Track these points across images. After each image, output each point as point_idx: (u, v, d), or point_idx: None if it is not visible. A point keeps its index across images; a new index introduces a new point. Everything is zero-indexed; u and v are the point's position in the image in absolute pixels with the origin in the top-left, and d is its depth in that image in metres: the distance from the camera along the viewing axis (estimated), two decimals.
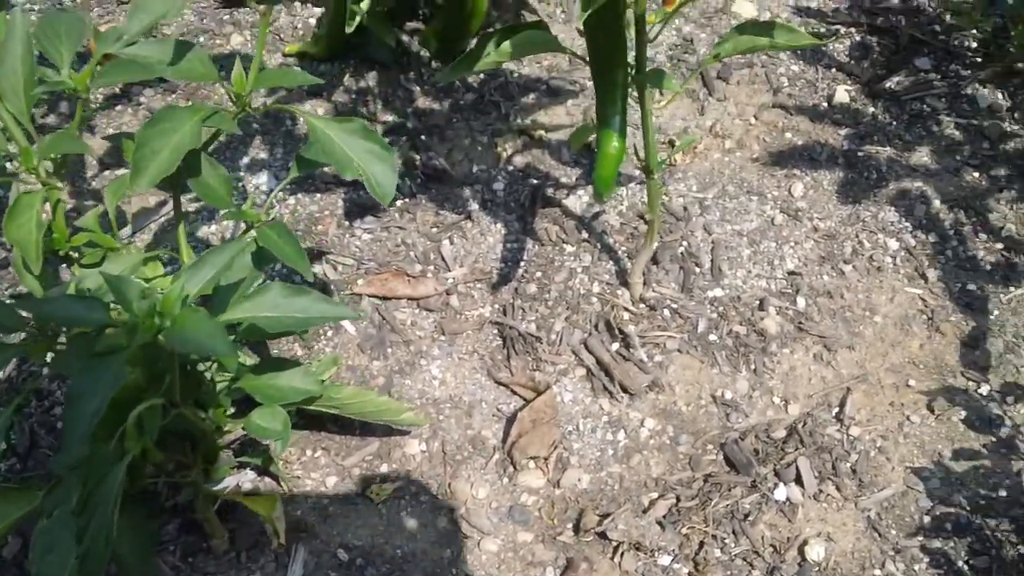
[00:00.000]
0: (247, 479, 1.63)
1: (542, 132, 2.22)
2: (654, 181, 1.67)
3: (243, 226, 1.41)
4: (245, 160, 2.13)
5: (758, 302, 1.86)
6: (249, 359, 1.64)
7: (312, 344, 1.80)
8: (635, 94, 1.53)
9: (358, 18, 1.99)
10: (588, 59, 1.50)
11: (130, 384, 1.18)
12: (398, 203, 2.04)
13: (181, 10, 1.16)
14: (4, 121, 1.32)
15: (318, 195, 2.06)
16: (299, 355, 1.79)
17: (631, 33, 1.45)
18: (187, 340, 0.99)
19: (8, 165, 1.49)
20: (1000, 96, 2.25)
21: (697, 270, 1.92)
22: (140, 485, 1.30)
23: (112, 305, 1.08)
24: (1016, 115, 2.20)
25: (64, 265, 1.47)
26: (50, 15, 1.36)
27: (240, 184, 2.07)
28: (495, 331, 1.84)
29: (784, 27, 1.45)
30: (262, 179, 2.08)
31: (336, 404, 1.48)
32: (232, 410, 1.41)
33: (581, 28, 1.41)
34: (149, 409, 1.12)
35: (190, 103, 2.27)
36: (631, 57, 1.48)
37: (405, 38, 2.39)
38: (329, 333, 1.82)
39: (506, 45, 1.45)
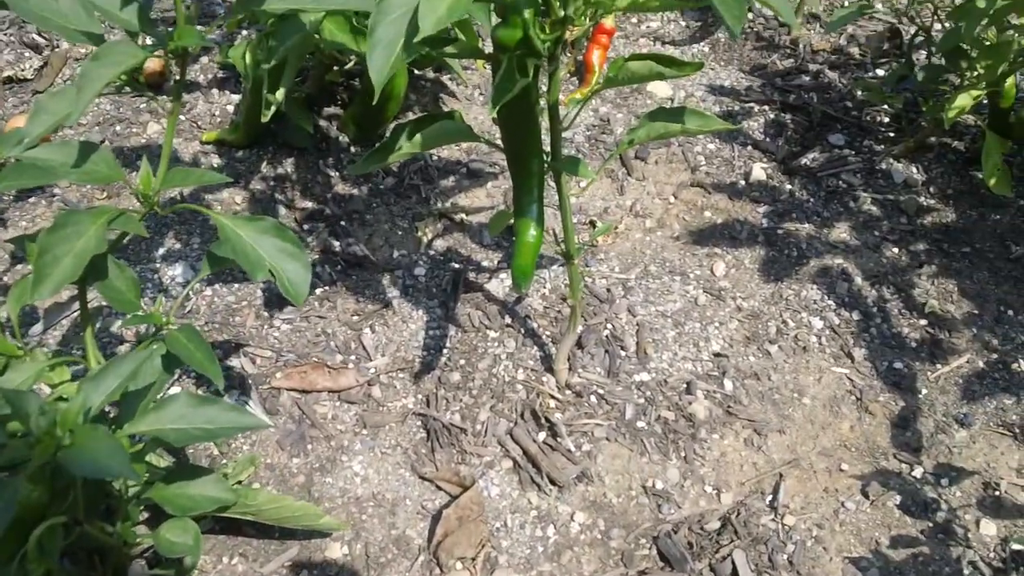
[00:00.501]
0: None
1: (463, 215, 2.20)
2: (574, 266, 1.65)
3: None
4: (160, 251, 2.07)
5: (685, 385, 1.84)
6: (163, 460, 1.57)
7: (230, 440, 1.73)
8: (553, 180, 1.51)
9: (274, 107, 1.96)
10: (503, 148, 1.48)
11: (32, 502, 1.10)
12: (318, 291, 1.99)
13: (83, 112, 1.11)
14: None
15: (236, 285, 2.00)
16: (215, 454, 1.72)
17: (545, 121, 1.44)
18: (85, 461, 0.93)
19: None
20: (915, 171, 2.29)
21: (623, 353, 1.90)
22: None
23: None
24: (931, 189, 2.23)
25: None
26: None
27: (156, 276, 2.01)
28: (419, 423, 1.79)
29: (695, 112, 1.45)
30: (177, 271, 2.01)
31: (252, 510, 1.42)
32: (144, 517, 1.34)
33: (496, 119, 1.39)
34: (50, 529, 1.05)
35: (97, 205, 2.20)
36: (546, 144, 1.46)
37: (323, 123, 2.37)
38: (247, 430, 1.76)
39: (418, 137, 1.42)
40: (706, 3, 1.10)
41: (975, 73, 2.07)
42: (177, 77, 1.29)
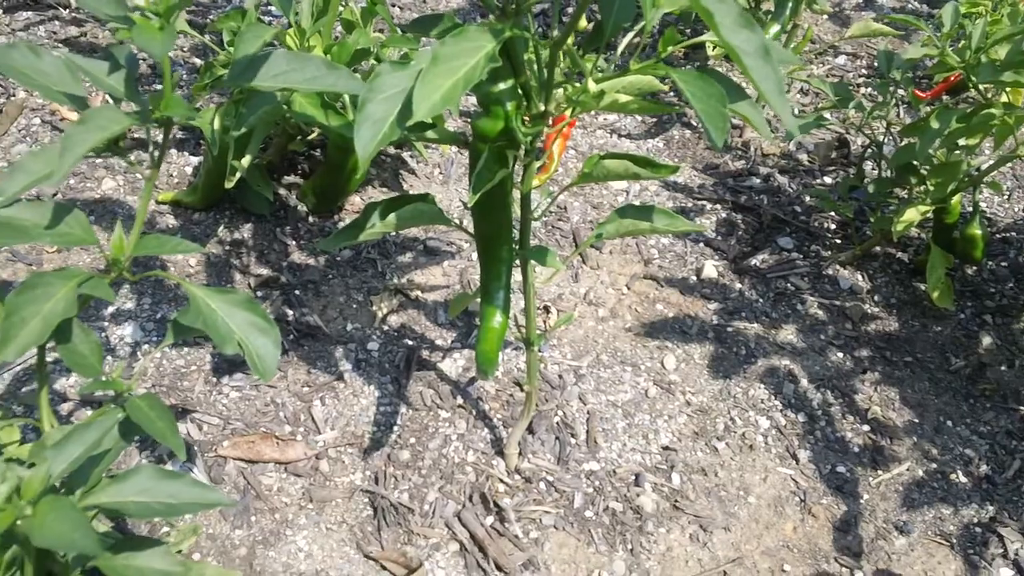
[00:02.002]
0: None
1: (418, 292, 2.20)
2: (533, 353, 1.66)
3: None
4: (110, 310, 2.04)
5: (634, 477, 1.85)
6: (103, 525, 1.53)
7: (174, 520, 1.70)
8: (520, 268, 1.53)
9: (238, 174, 1.96)
10: (474, 234, 1.50)
11: None
12: None
13: (65, 176, 1.11)
14: None
15: (185, 349, 1.98)
16: (155, 521, 1.68)
17: (517, 209, 1.46)
18: (49, 534, 0.91)
19: None
20: (860, 278, 2.35)
21: (573, 441, 1.91)
22: None
23: None
24: (876, 297, 2.30)
25: None
26: None
27: (103, 335, 1.98)
28: (366, 500, 1.78)
29: (663, 212, 1.48)
30: (127, 330, 1.99)
31: None
32: None
33: (470, 207, 1.41)
34: None
35: (59, 266, 2.17)
36: (516, 233, 1.48)
37: (283, 192, 2.37)
38: None
39: (391, 217, 1.43)
40: (674, 111, 1.13)
41: (924, 188, 2.15)
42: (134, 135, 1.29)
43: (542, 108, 1.32)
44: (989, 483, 1.91)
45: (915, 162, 2.16)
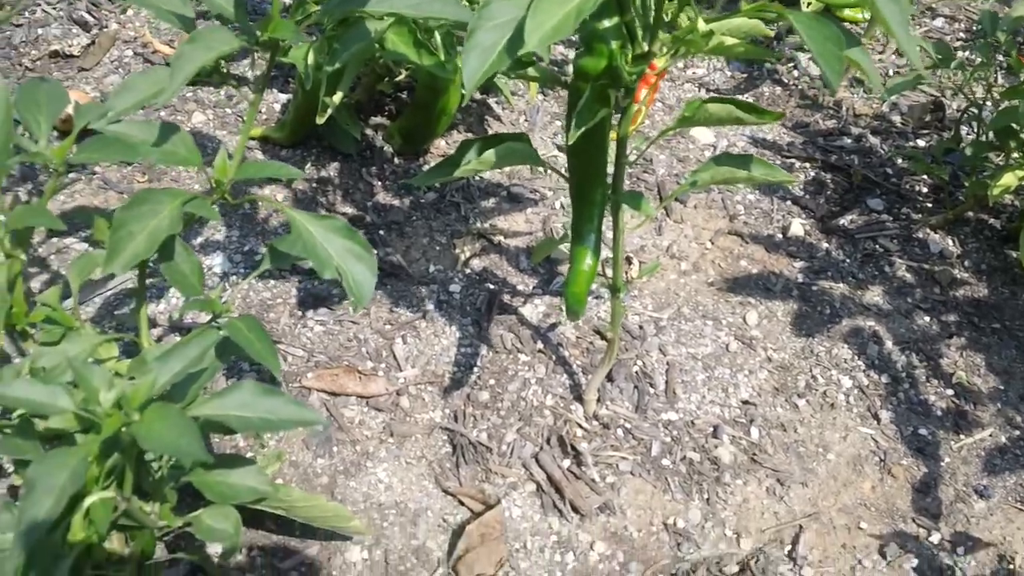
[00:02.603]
0: (179, 575, 1.55)
1: (501, 237, 2.21)
2: (618, 300, 1.66)
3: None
4: (199, 240, 2.07)
5: (712, 429, 1.84)
6: None
7: (264, 440, 1.74)
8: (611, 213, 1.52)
9: (329, 111, 1.98)
10: (568, 176, 1.50)
11: (87, 476, 1.11)
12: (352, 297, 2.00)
13: (172, 96, 1.13)
14: None
15: (272, 282, 2.01)
16: (240, 447, 1.72)
17: (611, 154, 1.46)
18: (157, 439, 0.93)
19: None
20: (951, 243, 2.31)
21: (652, 391, 1.90)
22: None
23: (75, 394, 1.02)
24: (966, 263, 2.25)
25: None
26: (31, 83, 1.31)
27: None
28: (445, 437, 1.80)
29: (761, 162, 1.47)
30: (216, 261, 2.02)
31: (285, 506, 1.42)
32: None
33: (567, 146, 1.41)
34: (102, 502, 1.05)
35: (147, 179, 2.22)
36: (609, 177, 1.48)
37: (369, 132, 2.38)
38: None
39: (489, 154, 1.43)
40: (779, 56, 1.11)
41: (1022, 153, 2.10)
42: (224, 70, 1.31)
43: (646, 48, 1.31)
44: None
45: (1015, 126, 2.11)
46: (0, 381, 1.07)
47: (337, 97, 2.00)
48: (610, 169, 1.46)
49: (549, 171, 1.80)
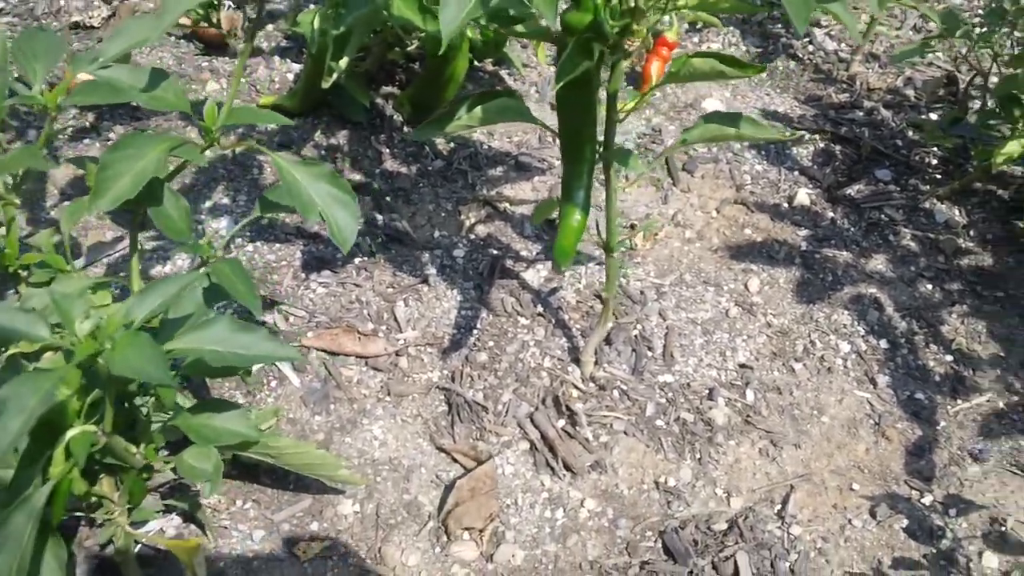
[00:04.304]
0: (172, 524, 1.58)
1: (507, 204, 2.23)
2: (613, 260, 1.67)
3: (198, 262, 1.38)
4: (207, 204, 2.11)
5: (707, 391, 1.85)
6: (189, 402, 1.60)
7: (255, 391, 1.77)
8: (602, 174, 1.54)
9: (336, 75, 2.00)
10: (558, 132, 1.51)
11: (63, 409, 1.14)
12: (356, 260, 2.03)
13: (160, 35, 1.15)
14: None
15: (276, 244, 2.04)
16: (242, 403, 1.75)
17: (602, 111, 1.47)
18: (126, 364, 0.96)
19: None
20: (957, 213, 2.29)
21: (649, 354, 1.92)
22: (58, 517, 1.24)
23: (55, 328, 1.05)
24: (971, 233, 2.24)
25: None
26: (28, 33, 1.35)
27: (200, 227, 2.05)
28: (442, 396, 1.82)
29: (750, 120, 1.47)
30: (223, 223, 2.05)
31: (273, 452, 1.45)
32: (166, 452, 1.37)
33: (554, 100, 1.42)
34: (81, 435, 1.08)
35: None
36: (600, 134, 1.49)
37: (379, 101, 2.41)
38: (273, 383, 1.79)
39: (478, 110, 1.46)
40: (763, 10, 1.12)
41: None
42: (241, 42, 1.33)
43: (632, 4, 1.32)
44: None
45: (1019, 94, 2.09)
46: None
47: (343, 62, 2.01)
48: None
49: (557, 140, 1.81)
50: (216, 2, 2.54)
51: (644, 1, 1.33)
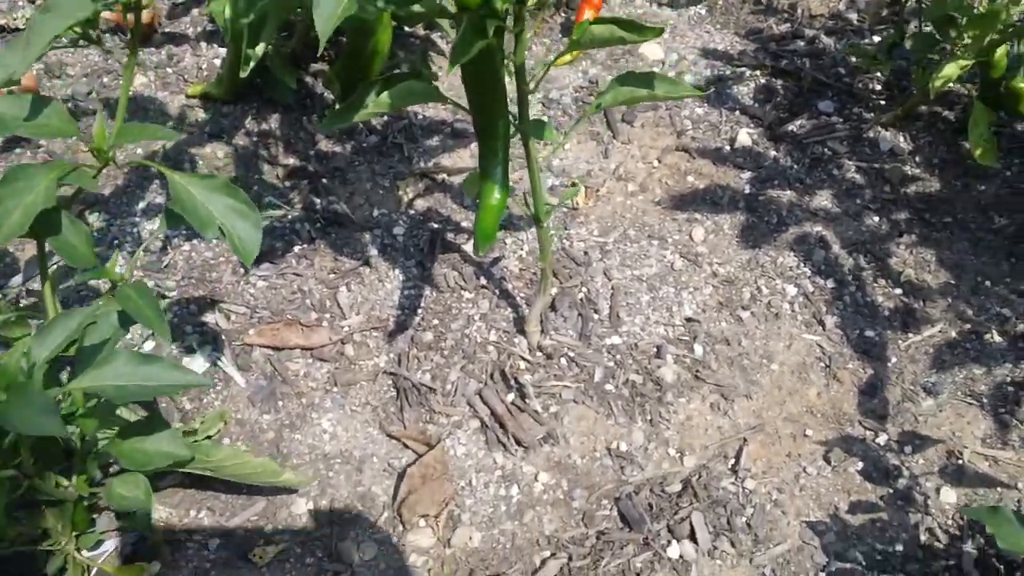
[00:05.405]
0: (128, 542, 1.57)
1: (445, 175, 2.20)
2: (544, 229, 1.64)
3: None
4: (141, 205, 2.07)
5: (655, 349, 1.84)
6: (135, 415, 1.58)
7: (202, 395, 1.75)
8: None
9: (252, 63, 1.95)
10: (468, 109, 1.48)
11: None
12: (296, 249, 2.00)
13: (27, 70, 1.12)
14: None
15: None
16: (187, 408, 1.73)
17: (513, 83, 1.43)
18: (17, 418, 0.94)
19: None
20: (902, 139, 2.27)
21: (596, 316, 1.90)
22: None
23: None
24: (917, 159, 2.22)
25: None
26: None
27: (135, 230, 2.02)
28: (389, 382, 1.80)
29: (663, 78, 1.44)
30: (156, 225, 2.02)
31: (211, 466, 1.43)
32: (99, 475, 1.36)
33: (447, 76, 1.39)
34: None
35: (54, 160, 2.20)
36: (514, 107, 1.45)
37: (309, 80, 2.36)
38: (219, 386, 1.77)
39: (385, 96, 1.42)
40: None
41: (964, 42, 2.05)
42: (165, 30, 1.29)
43: None
44: None
45: (956, 15, 2.06)
46: None
47: (260, 48, 1.96)
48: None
49: None
50: None
51: None
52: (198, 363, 1.79)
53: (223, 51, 2.47)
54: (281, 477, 1.52)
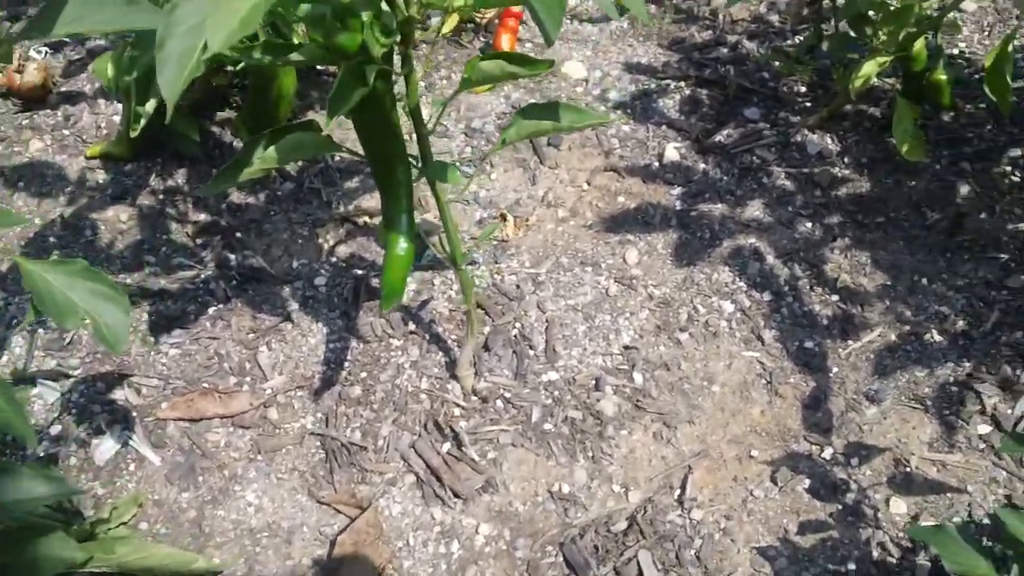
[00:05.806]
0: None
1: (366, 218, 2.11)
2: (463, 271, 1.57)
3: None
4: None
5: (594, 382, 1.77)
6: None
7: (114, 479, 1.65)
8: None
9: (143, 120, 1.87)
10: (365, 156, 1.40)
11: None
12: (211, 311, 1.91)
13: None
14: None
15: None
16: (99, 494, 1.64)
17: (410, 126, 1.36)
18: None
19: None
20: (829, 141, 2.22)
21: (531, 353, 1.82)
22: None
23: None
24: (846, 159, 2.16)
25: None
26: None
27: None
28: (317, 443, 1.72)
29: (568, 107, 1.37)
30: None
31: (114, 563, 1.34)
32: None
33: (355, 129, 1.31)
34: None
35: None
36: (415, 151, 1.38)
37: (216, 129, 2.28)
38: (132, 467, 1.67)
39: (272, 151, 1.33)
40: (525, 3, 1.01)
41: (881, 39, 2.00)
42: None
43: (408, 13, 1.21)
44: (966, 339, 1.81)
45: (871, 13, 2.01)
46: None
47: (150, 105, 1.88)
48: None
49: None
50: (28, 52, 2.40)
51: (417, 10, 1.22)
52: (107, 445, 1.69)
53: (122, 107, 2.38)
54: (193, 566, 1.42)
